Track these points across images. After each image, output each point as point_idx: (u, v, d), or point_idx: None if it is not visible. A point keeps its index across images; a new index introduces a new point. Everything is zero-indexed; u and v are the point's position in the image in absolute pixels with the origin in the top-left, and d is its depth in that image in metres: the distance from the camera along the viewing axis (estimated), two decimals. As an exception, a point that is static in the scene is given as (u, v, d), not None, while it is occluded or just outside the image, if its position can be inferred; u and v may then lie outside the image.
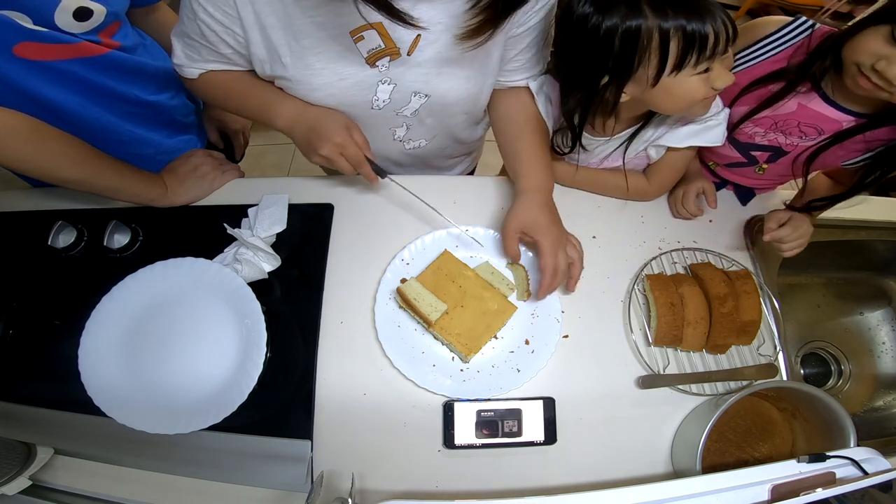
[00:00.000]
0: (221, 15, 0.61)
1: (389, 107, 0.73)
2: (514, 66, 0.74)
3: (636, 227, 0.85)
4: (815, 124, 0.70)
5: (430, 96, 0.72)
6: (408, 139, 0.83)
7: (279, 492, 0.66)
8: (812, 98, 0.68)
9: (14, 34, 0.61)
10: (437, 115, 0.78)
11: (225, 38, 0.64)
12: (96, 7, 0.66)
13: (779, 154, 0.76)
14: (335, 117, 0.71)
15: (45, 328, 0.76)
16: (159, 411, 0.67)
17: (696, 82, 0.62)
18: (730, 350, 0.76)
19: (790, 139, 0.73)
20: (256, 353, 0.69)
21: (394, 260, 0.78)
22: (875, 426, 0.95)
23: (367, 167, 0.72)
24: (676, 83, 0.61)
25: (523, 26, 0.67)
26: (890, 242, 0.96)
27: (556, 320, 0.75)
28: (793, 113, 0.70)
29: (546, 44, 0.73)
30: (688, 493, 0.52)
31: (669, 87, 0.62)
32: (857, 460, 0.54)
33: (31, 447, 0.66)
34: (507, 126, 0.80)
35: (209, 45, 0.66)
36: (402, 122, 0.78)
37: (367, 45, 0.63)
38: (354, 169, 0.72)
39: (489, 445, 0.68)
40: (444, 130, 0.84)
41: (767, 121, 0.73)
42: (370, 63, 0.65)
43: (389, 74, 0.67)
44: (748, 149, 0.78)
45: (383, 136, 0.81)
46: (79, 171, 0.70)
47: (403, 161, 0.90)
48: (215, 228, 0.76)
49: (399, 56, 0.65)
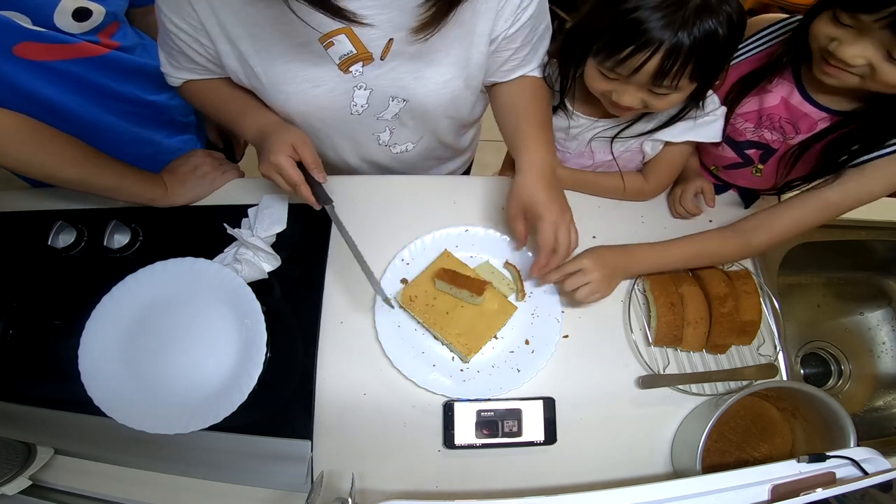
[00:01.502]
0: (186, 26, 0.62)
1: (368, 111, 0.72)
2: (512, 64, 0.73)
3: (636, 227, 0.85)
4: (792, 120, 0.70)
5: (408, 101, 0.71)
6: (393, 143, 0.82)
7: (279, 492, 0.67)
8: (793, 93, 0.69)
9: (14, 34, 0.61)
10: (418, 119, 0.77)
11: (195, 47, 0.65)
12: (95, 7, 0.66)
13: (768, 152, 0.76)
14: (283, 135, 0.67)
15: (45, 328, 0.76)
16: (159, 411, 0.67)
17: (596, 74, 0.66)
18: (730, 350, 0.76)
19: (774, 135, 0.73)
20: (256, 353, 0.69)
21: (394, 260, 0.78)
22: (875, 426, 0.95)
23: (306, 189, 0.67)
24: (588, 66, 0.66)
25: (516, 24, 0.66)
26: (890, 242, 0.96)
27: (556, 320, 0.75)
28: (776, 107, 0.71)
29: (542, 37, 0.73)
30: (688, 493, 0.52)
31: (586, 67, 0.67)
32: (857, 460, 0.54)
33: (31, 447, 0.66)
34: (507, 112, 0.77)
35: (183, 53, 0.66)
36: (385, 126, 0.77)
37: (338, 50, 0.63)
38: (293, 190, 0.68)
39: (489, 445, 0.68)
40: (429, 134, 0.83)
41: (754, 115, 0.73)
42: (343, 69, 0.65)
43: (364, 80, 0.67)
44: (742, 147, 0.78)
45: (368, 141, 0.80)
46: (78, 172, 0.70)
47: (393, 166, 0.89)
48: (215, 228, 0.76)
49: (372, 60, 0.64)
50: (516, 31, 0.67)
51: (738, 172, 0.84)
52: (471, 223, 0.80)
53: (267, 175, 0.68)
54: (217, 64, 0.68)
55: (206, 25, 0.61)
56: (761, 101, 0.72)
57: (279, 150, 0.66)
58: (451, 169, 1.02)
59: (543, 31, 0.73)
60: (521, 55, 0.72)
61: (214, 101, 0.74)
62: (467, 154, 1.03)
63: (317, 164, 0.68)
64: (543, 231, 0.68)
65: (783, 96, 0.70)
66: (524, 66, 0.74)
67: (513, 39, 0.68)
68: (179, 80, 0.73)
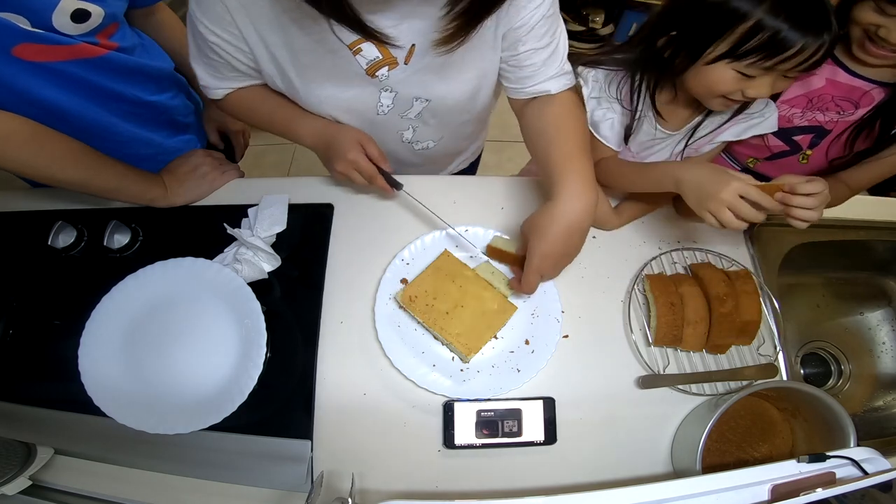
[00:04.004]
0: (228, 35, 0.64)
1: (394, 111, 0.75)
2: (528, 71, 0.71)
3: (636, 227, 0.85)
4: (848, 97, 0.71)
5: (430, 100, 0.74)
6: (416, 140, 0.85)
7: (279, 492, 0.67)
8: (837, 72, 0.70)
9: (13, 36, 0.61)
10: (439, 117, 0.80)
11: (237, 56, 0.68)
12: (94, 9, 0.66)
13: (821, 134, 0.76)
14: (348, 134, 0.74)
15: (45, 328, 0.76)
16: (159, 411, 0.67)
17: (731, 76, 0.62)
18: (730, 350, 0.76)
19: (828, 115, 0.74)
20: (256, 353, 0.69)
21: (394, 260, 0.78)
22: (875, 426, 0.95)
23: (381, 180, 0.74)
24: (713, 70, 0.63)
25: (524, 26, 0.66)
26: (890, 242, 0.96)
27: (556, 320, 0.75)
28: (823, 88, 0.72)
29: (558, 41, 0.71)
30: (688, 493, 0.52)
31: (705, 71, 0.63)
32: (857, 460, 0.54)
33: (31, 447, 0.66)
34: (538, 138, 0.73)
35: (226, 62, 0.69)
36: (408, 124, 0.80)
37: (365, 56, 0.65)
38: (368, 182, 0.75)
39: (489, 445, 0.68)
40: (449, 131, 0.86)
41: (802, 100, 0.74)
42: (370, 74, 0.67)
43: (389, 83, 0.70)
44: (789, 134, 0.78)
45: (392, 138, 0.83)
46: (78, 173, 0.70)
47: (415, 160, 0.92)
48: (215, 228, 0.76)
49: (397, 65, 0.67)
50: (526, 32, 0.66)
51: (782, 162, 0.83)
52: (471, 223, 0.80)
53: (344, 172, 0.74)
54: (257, 69, 0.71)
55: (244, 33, 0.64)
56: (806, 85, 0.72)
57: (351, 148, 0.72)
58: (464, 158, 1.06)
59: (559, 35, 0.71)
60: (540, 59, 0.70)
61: (263, 109, 0.78)
62: (479, 142, 1.07)
63: (382, 157, 0.75)
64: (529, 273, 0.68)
65: (827, 77, 0.71)
66: (542, 74, 0.72)
67: (524, 41, 0.67)
68: (223, 91, 0.76)
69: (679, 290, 0.74)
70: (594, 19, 2.21)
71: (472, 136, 0.97)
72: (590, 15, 2.20)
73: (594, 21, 2.21)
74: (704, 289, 0.75)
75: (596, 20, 2.21)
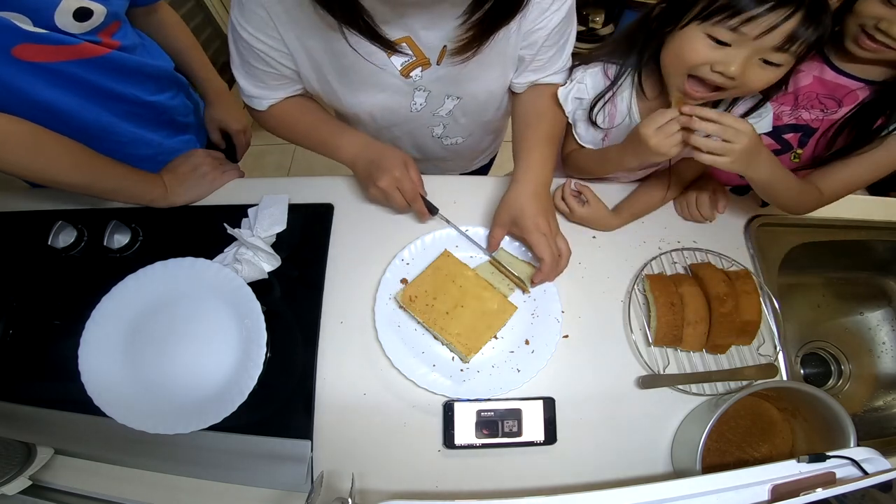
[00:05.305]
0: (272, 41, 0.67)
1: (426, 109, 0.79)
2: (535, 66, 0.76)
3: (636, 227, 0.85)
4: (832, 94, 0.71)
5: (462, 98, 0.78)
6: (445, 136, 0.89)
7: (279, 492, 0.67)
8: (825, 70, 0.71)
9: (13, 36, 0.61)
10: (470, 114, 0.84)
11: (281, 61, 0.70)
12: (96, 7, 0.66)
13: (808, 133, 0.76)
14: (395, 153, 0.75)
15: (45, 328, 0.76)
16: (159, 411, 0.67)
17: (702, 43, 0.61)
18: (730, 350, 0.76)
19: (813, 113, 0.74)
20: (256, 353, 0.69)
21: (394, 260, 0.78)
22: (875, 426, 0.95)
23: (421, 203, 0.77)
24: (685, 35, 0.62)
25: (543, 29, 0.69)
26: (890, 242, 0.96)
27: (556, 320, 0.75)
28: (810, 85, 0.72)
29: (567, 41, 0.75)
30: (688, 493, 0.52)
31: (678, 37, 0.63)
32: (857, 460, 0.54)
33: (31, 447, 0.66)
34: (518, 120, 0.82)
35: (271, 68, 0.70)
36: (439, 121, 0.84)
37: (399, 58, 0.68)
38: (408, 204, 0.75)
39: (489, 445, 0.68)
40: (478, 126, 0.90)
41: (790, 98, 0.74)
42: (404, 74, 0.70)
43: (423, 82, 0.73)
44: (779, 133, 0.78)
45: (423, 133, 0.87)
46: (78, 175, 0.70)
47: (443, 154, 0.96)
48: (215, 228, 0.76)
49: (430, 66, 0.70)
50: (543, 34, 0.69)
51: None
52: (471, 223, 0.80)
53: (386, 189, 0.73)
54: (297, 72, 0.73)
55: (285, 38, 0.66)
56: (794, 83, 0.73)
57: (397, 166, 0.74)
58: (487, 154, 1.10)
59: (570, 35, 0.75)
60: (546, 56, 0.74)
61: (307, 120, 0.80)
62: (501, 138, 1.09)
63: (421, 181, 0.77)
64: (539, 244, 0.70)
65: (815, 75, 0.71)
66: (544, 69, 0.77)
67: (538, 43, 0.71)
68: (268, 101, 0.77)
69: (679, 290, 0.74)
70: (594, 19, 2.21)
71: (498, 132, 1.02)
72: (590, 15, 2.21)
73: (594, 21, 2.21)
74: (704, 289, 0.75)
75: (596, 20, 2.21)
